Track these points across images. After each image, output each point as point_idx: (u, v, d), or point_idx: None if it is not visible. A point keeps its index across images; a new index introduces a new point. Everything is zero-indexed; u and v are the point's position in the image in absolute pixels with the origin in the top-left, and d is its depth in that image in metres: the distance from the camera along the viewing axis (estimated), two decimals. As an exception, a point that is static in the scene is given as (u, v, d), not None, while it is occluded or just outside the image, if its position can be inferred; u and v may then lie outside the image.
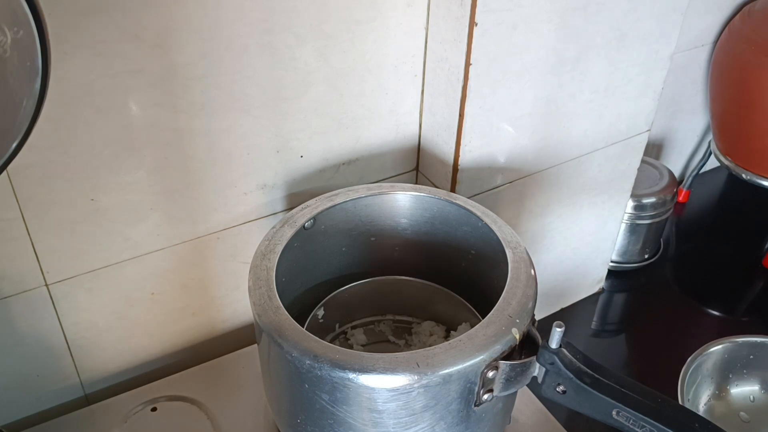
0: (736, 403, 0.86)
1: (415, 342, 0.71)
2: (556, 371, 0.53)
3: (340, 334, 0.72)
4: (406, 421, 0.53)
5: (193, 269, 0.73)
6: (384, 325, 0.73)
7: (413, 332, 0.72)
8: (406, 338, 0.72)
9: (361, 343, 0.72)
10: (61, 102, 0.56)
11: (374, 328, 0.74)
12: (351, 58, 0.68)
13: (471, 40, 0.65)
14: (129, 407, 0.71)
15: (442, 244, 0.69)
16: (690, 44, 1.13)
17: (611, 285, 1.12)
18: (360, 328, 0.73)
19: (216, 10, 0.59)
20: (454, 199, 0.66)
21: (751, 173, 1.13)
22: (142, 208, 0.66)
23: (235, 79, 0.63)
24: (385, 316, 0.74)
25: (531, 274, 0.58)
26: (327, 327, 0.71)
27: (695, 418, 0.52)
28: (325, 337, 0.70)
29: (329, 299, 0.68)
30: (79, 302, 0.68)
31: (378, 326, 0.74)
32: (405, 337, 0.72)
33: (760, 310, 1.10)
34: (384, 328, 0.73)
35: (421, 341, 0.70)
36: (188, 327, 0.77)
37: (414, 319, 0.74)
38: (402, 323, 0.74)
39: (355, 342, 0.71)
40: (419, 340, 0.70)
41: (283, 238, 0.61)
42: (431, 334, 0.70)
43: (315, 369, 0.50)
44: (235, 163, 0.68)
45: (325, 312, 0.68)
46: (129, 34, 0.56)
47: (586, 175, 0.90)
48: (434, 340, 0.67)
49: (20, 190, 0.59)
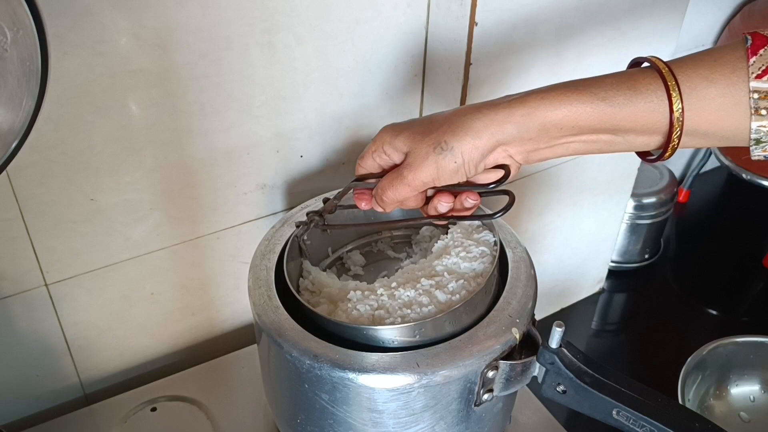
0: (736, 403, 0.86)
1: (417, 251, 0.66)
2: (556, 371, 0.53)
3: (336, 261, 0.68)
4: (406, 421, 0.53)
5: (193, 269, 0.73)
6: (382, 243, 0.69)
7: (413, 242, 0.68)
8: (407, 251, 0.68)
9: (360, 264, 0.67)
10: (61, 102, 0.56)
11: (372, 249, 0.69)
12: (351, 58, 0.68)
13: (471, 40, 0.65)
14: (129, 407, 0.71)
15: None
16: (690, 44, 1.13)
17: (611, 285, 1.12)
18: (356, 251, 0.69)
19: (216, 10, 0.59)
20: (454, 199, 0.66)
21: (751, 173, 1.13)
22: (141, 208, 0.66)
23: (235, 79, 0.63)
24: (381, 234, 0.70)
25: (531, 274, 0.58)
26: (318, 253, 0.67)
27: (695, 418, 0.52)
28: (320, 264, 0.66)
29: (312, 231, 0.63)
30: (78, 302, 0.68)
31: (376, 246, 0.69)
32: (405, 250, 0.68)
33: (760, 310, 1.10)
34: (382, 246, 0.69)
35: (422, 249, 0.65)
36: (188, 327, 0.77)
37: (411, 231, 0.70)
38: (400, 238, 0.70)
39: (352, 264, 0.67)
40: (421, 249, 0.66)
41: (283, 238, 0.61)
42: (432, 238, 0.66)
43: (315, 369, 0.50)
44: (235, 163, 0.68)
45: (311, 241, 0.64)
46: (129, 34, 0.56)
47: (586, 175, 0.90)
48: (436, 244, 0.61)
49: (20, 190, 0.59)
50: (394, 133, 0.51)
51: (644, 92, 0.45)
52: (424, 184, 0.50)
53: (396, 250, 0.69)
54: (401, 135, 0.51)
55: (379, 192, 0.53)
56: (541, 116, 0.47)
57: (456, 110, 0.50)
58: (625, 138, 0.47)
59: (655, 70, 0.45)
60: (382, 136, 0.52)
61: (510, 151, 0.49)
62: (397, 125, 0.52)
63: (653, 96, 0.45)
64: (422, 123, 0.51)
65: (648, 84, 0.45)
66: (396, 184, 0.51)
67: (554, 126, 0.47)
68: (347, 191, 0.58)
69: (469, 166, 0.49)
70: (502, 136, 0.48)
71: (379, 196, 0.53)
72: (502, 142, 0.48)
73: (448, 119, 0.49)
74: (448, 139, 0.48)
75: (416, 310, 0.54)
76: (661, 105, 0.45)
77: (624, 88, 0.46)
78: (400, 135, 0.51)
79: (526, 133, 0.47)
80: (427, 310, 0.54)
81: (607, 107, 0.46)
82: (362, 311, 0.55)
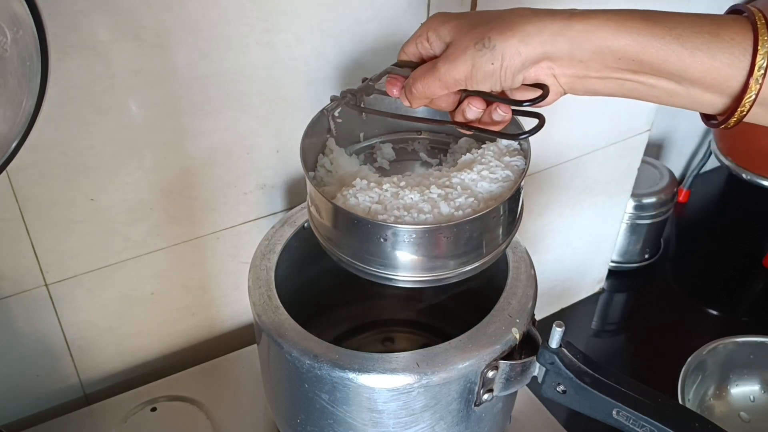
0: (736, 403, 0.86)
1: (449, 161, 0.61)
2: (556, 371, 0.53)
3: (365, 149, 0.64)
4: (406, 421, 0.53)
5: (193, 269, 0.73)
6: (418, 144, 0.64)
7: (450, 151, 0.63)
8: (441, 158, 0.63)
9: (388, 158, 0.62)
10: (61, 102, 0.56)
11: (406, 147, 0.64)
12: (351, 58, 0.68)
13: (471, 40, 0.65)
14: (129, 407, 0.71)
15: (442, 243, 0.69)
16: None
17: (611, 285, 1.12)
18: (388, 144, 0.64)
19: (216, 10, 0.59)
20: (454, 198, 0.66)
21: (751, 173, 1.13)
22: (141, 208, 0.66)
23: (235, 78, 0.63)
24: (419, 134, 0.65)
25: (531, 274, 0.58)
26: (349, 136, 0.62)
27: (695, 418, 0.52)
28: (348, 148, 0.62)
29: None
30: (78, 302, 0.68)
31: (411, 144, 0.64)
32: (440, 157, 0.63)
33: (760, 310, 1.10)
34: (417, 147, 0.64)
35: (455, 160, 0.60)
36: (188, 327, 0.77)
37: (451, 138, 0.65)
38: (438, 143, 0.64)
39: (381, 156, 0.62)
40: (454, 159, 0.61)
41: (283, 238, 0.61)
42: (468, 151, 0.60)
43: (315, 369, 0.50)
44: (235, 163, 0.68)
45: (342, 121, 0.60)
46: (129, 34, 0.56)
47: (586, 175, 0.90)
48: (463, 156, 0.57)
49: (20, 190, 0.59)
50: (441, 20, 0.47)
51: (728, 41, 0.40)
52: (456, 81, 0.46)
53: (430, 155, 0.63)
54: (448, 24, 0.46)
55: (410, 83, 0.48)
56: (600, 38, 0.41)
57: (512, 9, 0.45)
58: (688, 91, 0.42)
59: (749, 21, 0.40)
60: (430, 22, 0.48)
61: (555, 70, 0.44)
62: (449, 14, 0.48)
63: (736, 48, 0.39)
64: (473, 16, 0.46)
65: (734, 33, 0.40)
66: (427, 77, 0.47)
67: (612, 53, 0.42)
68: (384, 74, 0.53)
69: (506, 73, 0.44)
70: (552, 49, 0.43)
71: (408, 88, 0.49)
72: (550, 56, 0.43)
73: (500, 16, 0.44)
74: (493, 36, 0.43)
75: (413, 214, 0.50)
76: (742, 60, 0.39)
77: (705, 31, 0.40)
78: (446, 24, 0.46)
79: (579, 52, 0.42)
80: (423, 217, 0.50)
81: (678, 47, 0.40)
82: (360, 200, 0.52)
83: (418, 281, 0.52)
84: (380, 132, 0.64)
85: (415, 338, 0.78)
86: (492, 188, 0.53)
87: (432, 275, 0.51)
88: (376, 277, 0.52)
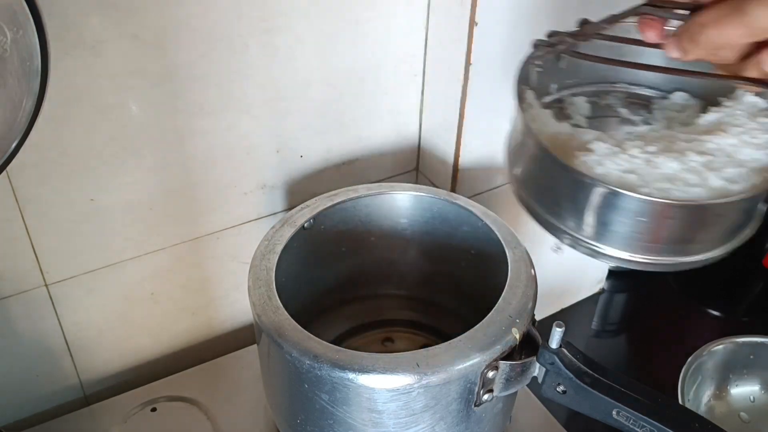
0: (736, 403, 0.86)
1: (660, 119, 0.53)
2: (556, 371, 0.53)
3: (554, 102, 0.56)
4: (406, 421, 0.53)
5: (193, 269, 0.73)
6: (613, 98, 0.57)
7: (656, 108, 0.55)
8: (644, 115, 0.55)
9: (584, 114, 0.55)
10: (61, 102, 0.56)
11: (598, 101, 0.57)
12: (351, 58, 0.68)
13: (471, 40, 0.65)
14: (129, 407, 0.71)
15: (442, 244, 0.69)
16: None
17: (611, 285, 1.12)
18: (582, 97, 0.56)
19: (216, 10, 0.59)
20: (454, 199, 0.66)
21: (751, 173, 1.13)
22: (141, 208, 0.66)
23: (235, 79, 0.63)
24: (614, 86, 0.57)
25: (531, 274, 0.58)
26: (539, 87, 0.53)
27: (695, 418, 0.52)
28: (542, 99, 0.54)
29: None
30: (78, 302, 0.68)
31: (604, 98, 0.57)
32: (642, 114, 0.55)
33: (760, 310, 1.10)
34: (612, 101, 0.57)
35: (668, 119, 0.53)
36: (188, 327, 0.77)
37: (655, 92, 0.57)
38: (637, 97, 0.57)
39: (574, 111, 0.55)
40: (666, 118, 0.53)
41: (283, 238, 0.61)
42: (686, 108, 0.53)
43: (315, 369, 0.50)
44: (235, 163, 0.68)
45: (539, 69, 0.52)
46: (129, 34, 0.56)
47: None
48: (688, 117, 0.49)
49: (20, 190, 0.59)
50: None
51: None
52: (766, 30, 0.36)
53: (630, 111, 0.56)
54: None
55: (695, 29, 0.39)
56: None
57: None
58: None
59: None
60: None
61: None
62: None
63: None
64: None
65: None
66: (726, 22, 0.37)
67: None
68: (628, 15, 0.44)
69: None
70: None
71: (690, 34, 0.39)
72: None
73: None
74: None
75: (680, 187, 0.43)
76: None
77: None
78: None
79: None
80: (695, 191, 0.43)
81: None
82: (609, 168, 0.43)
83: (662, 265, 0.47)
84: (572, 82, 0.56)
85: (415, 338, 0.78)
86: (759, 156, 0.45)
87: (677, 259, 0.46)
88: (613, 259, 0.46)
